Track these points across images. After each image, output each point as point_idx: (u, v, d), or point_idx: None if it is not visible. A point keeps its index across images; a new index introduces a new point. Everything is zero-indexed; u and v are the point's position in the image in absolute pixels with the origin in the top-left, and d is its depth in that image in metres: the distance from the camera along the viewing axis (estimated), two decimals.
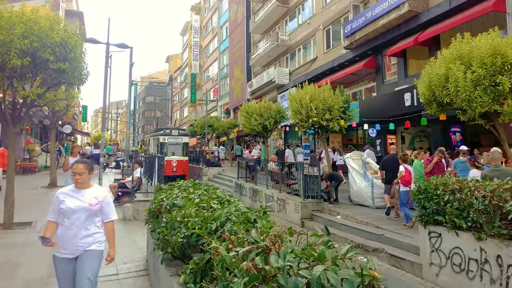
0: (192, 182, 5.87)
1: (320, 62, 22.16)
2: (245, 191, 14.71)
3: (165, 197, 4.61)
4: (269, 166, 13.81)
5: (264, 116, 18.94)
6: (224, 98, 38.54)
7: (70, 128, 23.16)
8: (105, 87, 12.95)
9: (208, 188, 5.04)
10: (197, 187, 5.18)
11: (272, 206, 12.24)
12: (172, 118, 62.06)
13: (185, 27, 54.06)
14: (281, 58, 27.29)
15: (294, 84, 24.66)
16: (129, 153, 18.89)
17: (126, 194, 10.65)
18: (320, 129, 13.77)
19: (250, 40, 32.42)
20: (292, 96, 13.83)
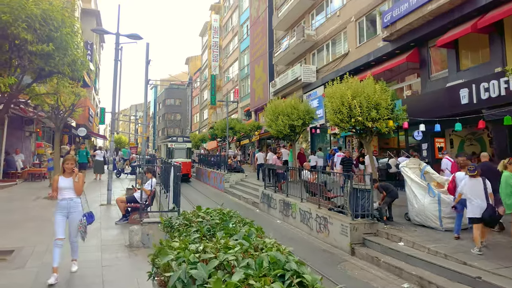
0: (219, 211, 3.79)
1: (352, 58, 19.83)
2: (275, 203, 12.57)
3: (175, 259, 2.49)
4: (303, 175, 11.64)
5: (292, 117, 16.80)
6: (245, 100, 36.55)
7: (85, 131, 21.55)
8: (115, 83, 11.09)
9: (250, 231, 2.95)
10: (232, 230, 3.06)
11: (309, 224, 10.06)
12: (192, 120, 60.60)
13: (204, 27, 52.45)
14: (307, 54, 25.07)
15: (322, 83, 22.48)
16: (145, 158, 17.09)
17: (137, 210, 8.68)
18: (363, 131, 11.55)
19: (272, 37, 30.32)
20: (331, 92, 11.65)
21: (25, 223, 8.51)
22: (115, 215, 9.47)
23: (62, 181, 5.65)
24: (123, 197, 8.84)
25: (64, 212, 5.61)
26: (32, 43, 5.38)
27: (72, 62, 6.35)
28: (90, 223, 6.05)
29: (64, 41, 5.88)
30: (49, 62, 5.81)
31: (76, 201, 5.72)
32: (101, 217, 9.32)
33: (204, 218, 3.44)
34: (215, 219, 3.43)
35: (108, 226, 8.33)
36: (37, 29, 5.39)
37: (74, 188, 5.62)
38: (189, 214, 3.73)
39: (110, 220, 8.89)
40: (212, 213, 3.69)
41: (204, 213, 3.65)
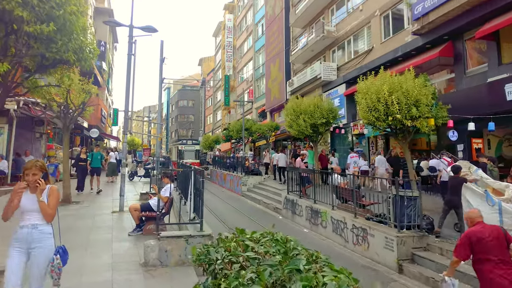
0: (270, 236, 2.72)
1: (377, 54, 18.61)
2: (300, 210, 11.47)
3: None
4: (333, 179, 10.53)
5: (315, 116, 15.67)
6: (259, 100, 35.51)
7: (97, 132, 20.78)
8: (128, 79, 10.18)
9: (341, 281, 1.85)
10: (312, 279, 1.95)
11: (344, 235, 8.92)
12: (205, 122, 59.85)
13: (217, 27, 51.63)
14: (326, 52, 23.90)
15: (343, 80, 21.30)
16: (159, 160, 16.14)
17: (153, 220, 7.69)
18: (400, 130, 10.37)
19: (289, 35, 29.23)
20: (364, 88, 10.51)
21: None
22: (128, 225, 8.50)
23: (25, 199, 3.80)
24: (137, 205, 7.85)
25: (23, 248, 3.77)
26: (29, 23, 4.45)
27: (79, 49, 5.45)
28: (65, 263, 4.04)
29: (68, 22, 4.93)
30: (50, 47, 4.87)
31: (42, 231, 3.85)
32: (113, 226, 8.36)
33: (254, 248, 2.38)
34: (270, 250, 2.36)
35: (120, 238, 7.35)
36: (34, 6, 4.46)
37: (41, 210, 3.82)
38: (229, 240, 2.67)
39: (123, 231, 7.91)
40: (262, 240, 2.62)
41: (251, 239, 2.58)
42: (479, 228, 4.18)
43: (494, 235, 4.07)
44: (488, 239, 4.04)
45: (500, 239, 4.05)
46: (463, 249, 4.16)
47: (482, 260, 4.03)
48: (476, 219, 4.32)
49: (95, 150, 15.45)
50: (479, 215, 4.37)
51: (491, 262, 3.93)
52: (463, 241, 4.20)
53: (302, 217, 11.25)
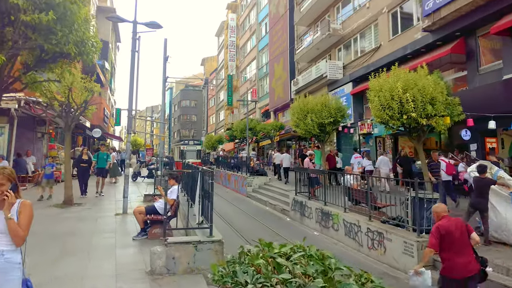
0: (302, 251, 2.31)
1: (385, 51, 18.18)
2: (310, 212, 11.04)
3: None
4: (345, 180, 10.11)
5: (322, 115, 15.23)
6: (263, 100, 35.09)
7: (100, 132, 20.41)
8: (132, 76, 9.77)
9: None
10: None
11: (358, 239, 8.50)
12: (208, 122, 59.48)
13: (220, 27, 51.26)
14: (332, 50, 23.47)
15: (350, 79, 20.87)
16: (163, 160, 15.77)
17: (158, 223, 7.29)
18: (414, 129, 9.93)
19: (293, 34, 28.81)
20: (377, 85, 10.07)
21: None
22: (132, 228, 8.10)
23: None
24: (142, 208, 7.44)
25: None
26: (26, 12, 4.06)
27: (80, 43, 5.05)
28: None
29: (68, 11, 4.53)
30: (49, 39, 4.47)
31: (9, 259, 2.92)
32: (116, 230, 7.96)
33: (288, 268, 1.96)
34: (308, 270, 1.94)
35: (124, 243, 6.94)
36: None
37: (9, 231, 2.91)
38: (254, 256, 2.25)
39: (127, 235, 7.51)
40: (293, 256, 2.21)
41: (280, 255, 2.17)
42: (446, 222, 4.62)
43: (459, 228, 4.56)
44: (455, 231, 4.51)
45: (463, 231, 4.56)
46: (435, 241, 4.56)
47: (448, 249, 4.50)
48: (442, 213, 4.76)
49: (102, 150, 14.31)
50: (445, 210, 4.84)
51: (451, 251, 4.46)
52: (435, 233, 4.60)
53: (312, 220, 10.83)
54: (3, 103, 12.69)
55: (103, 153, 14.06)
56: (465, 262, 4.41)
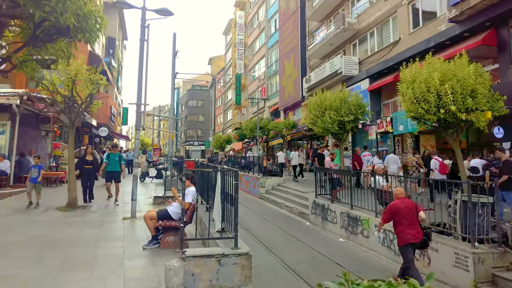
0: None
1: (405, 45, 17.17)
2: (333, 217, 10.08)
3: None
4: (376, 182, 9.15)
5: (341, 112, 14.27)
6: (272, 99, 34.13)
7: (106, 131, 19.64)
8: (140, 67, 8.90)
9: None
10: None
11: (394, 247, 7.53)
12: (215, 121, 58.66)
13: (228, 25, 50.39)
14: (346, 45, 22.47)
15: (367, 75, 19.87)
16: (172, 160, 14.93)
17: (171, 230, 6.41)
18: (451, 125, 8.95)
19: (304, 30, 27.86)
20: (410, 76, 9.11)
21: (17, 248, 6.31)
22: (142, 235, 7.23)
23: None
24: (153, 212, 6.55)
25: None
26: None
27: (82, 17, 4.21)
28: None
29: None
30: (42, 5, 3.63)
31: None
32: (124, 237, 7.08)
33: None
34: None
35: (133, 253, 6.06)
36: None
37: None
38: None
39: (136, 243, 6.62)
40: None
41: None
42: (399, 202, 5.73)
43: (407, 206, 5.66)
44: (403, 209, 5.61)
45: (412, 209, 5.66)
46: (386, 216, 5.81)
47: (399, 223, 5.64)
48: (399, 195, 5.89)
49: (114, 151, 11.64)
50: (402, 192, 5.99)
51: (404, 224, 5.56)
52: (388, 210, 5.81)
53: (336, 225, 9.88)
54: (4, 99, 11.91)
55: (115, 154, 11.57)
56: (413, 233, 5.56)
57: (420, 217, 5.66)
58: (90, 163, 11.08)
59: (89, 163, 11.07)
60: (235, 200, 4.91)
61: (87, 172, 10.89)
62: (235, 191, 4.92)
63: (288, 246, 8.80)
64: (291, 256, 7.76)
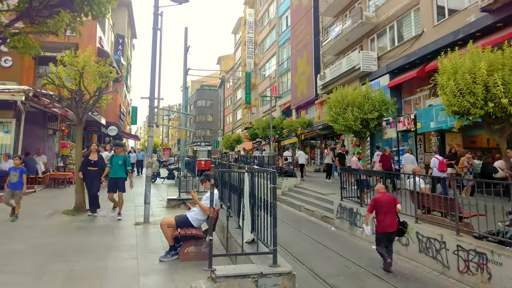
0: None
1: (429, 39, 16.16)
2: (362, 222, 9.18)
3: None
4: (410, 183, 8.25)
5: (364, 109, 13.38)
6: (283, 97, 33.21)
7: (116, 130, 18.95)
8: (153, 57, 8.09)
9: None
10: None
11: (441, 259, 6.61)
12: (225, 121, 57.92)
13: (237, 24, 49.61)
14: (364, 40, 21.50)
15: (387, 70, 18.90)
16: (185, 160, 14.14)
17: (192, 240, 5.57)
18: (498, 120, 8.00)
19: (318, 26, 26.93)
20: (451, 67, 8.18)
21: (17, 259, 5.53)
22: (157, 244, 6.41)
23: None
24: (171, 219, 5.71)
25: None
26: None
27: None
28: None
29: None
30: None
31: None
32: (137, 246, 6.25)
33: None
34: None
35: (148, 267, 5.23)
36: None
37: None
38: None
39: (151, 254, 5.80)
40: None
41: None
42: (380, 196, 6.87)
43: (387, 199, 6.78)
44: (384, 202, 6.74)
45: (390, 202, 6.77)
46: (370, 208, 6.94)
47: (379, 213, 6.78)
48: (380, 190, 7.05)
49: (117, 152, 8.81)
50: (382, 187, 7.16)
51: (383, 214, 6.71)
52: (371, 203, 6.97)
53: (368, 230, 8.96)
54: (8, 95, 11.21)
55: (119, 156, 8.74)
56: (390, 222, 6.61)
57: (397, 209, 6.81)
58: (94, 164, 8.81)
59: (93, 163, 8.80)
60: (273, 207, 4.05)
61: (90, 175, 8.71)
62: (273, 197, 4.05)
63: (316, 254, 7.93)
64: (323, 267, 6.89)
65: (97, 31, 18.05)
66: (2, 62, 16.68)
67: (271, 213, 4.07)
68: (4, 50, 12.51)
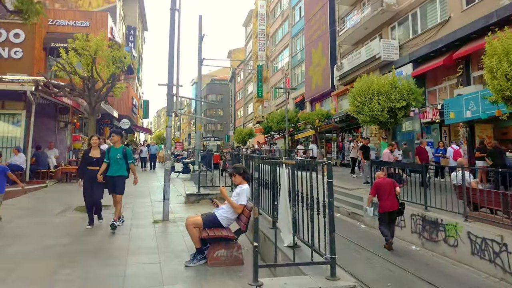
0: None
1: (456, 25, 15.12)
2: (399, 219, 8.36)
3: None
4: (454, 177, 7.41)
5: (392, 98, 12.48)
6: (297, 90, 32.24)
7: (128, 123, 18.32)
8: (172, 40, 7.32)
9: None
10: None
11: (501, 263, 5.78)
12: (236, 115, 57.16)
13: (248, 16, 48.62)
14: (383, 29, 20.47)
15: (410, 59, 17.88)
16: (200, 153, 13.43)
17: (222, 242, 4.82)
18: None
19: (334, 15, 25.90)
20: (501, 47, 7.27)
21: (25, 263, 4.86)
22: (180, 245, 5.68)
23: None
24: (198, 218, 4.96)
25: None
26: None
27: None
28: None
29: None
30: None
31: None
32: (158, 248, 5.52)
33: None
34: None
35: (173, 274, 4.50)
36: None
37: None
38: None
39: (175, 258, 5.06)
40: None
41: None
42: (381, 180, 7.70)
43: (387, 183, 7.55)
44: (385, 185, 7.51)
45: (390, 185, 7.53)
46: (372, 191, 7.73)
47: (380, 196, 7.53)
48: (380, 175, 8.03)
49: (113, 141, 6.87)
50: (382, 174, 8.19)
51: (384, 197, 7.46)
52: (373, 187, 7.83)
53: (404, 229, 8.16)
54: (17, 85, 10.58)
55: (117, 148, 6.76)
56: (391, 203, 7.47)
57: (396, 191, 7.49)
58: (96, 162, 6.70)
59: (95, 162, 6.70)
60: (330, 207, 3.27)
61: (91, 177, 6.58)
62: (330, 194, 3.27)
63: (352, 255, 7.14)
64: (365, 271, 6.12)
65: (108, 21, 17.38)
66: (12, 54, 16.13)
67: (328, 214, 3.28)
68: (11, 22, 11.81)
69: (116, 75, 7.93)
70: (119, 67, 7.85)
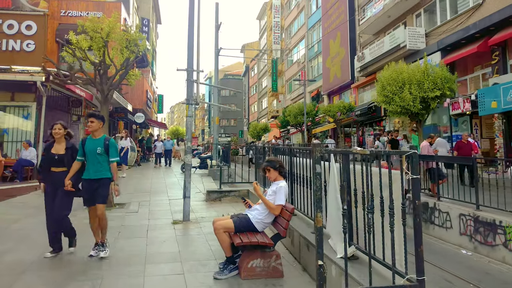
0: None
1: (491, 9, 13.96)
2: (444, 220, 7.44)
3: None
4: None
5: (424, 87, 11.48)
6: (313, 83, 31.13)
7: (143, 117, 17.68)
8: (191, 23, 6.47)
9: None
10: None
11: None
12: (250, 110, 56.37)
13: (262, 9, 47.60)
14: (408, 16, 19.32)
15: (438, 47, 16.71)
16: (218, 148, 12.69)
17: (258, 249, 4.01)
18: None
19: (353, 4, 24.78)
20: None
21: (30, 269, 4.16)
22: (205, 252, 4.90)
23: None
24: (228, 221, 4.16)
25: None
26: None
27: None
28: None
29: None
30: None
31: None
32: (180, 255, 4.75)
33: None
34: None
35: (199, 287, 3.73)
36: None
37: None
38: None
39: (200, 268, 4.29)
40: None
41: None
42: None
43: None
44: None
45: None
46: None
47: None
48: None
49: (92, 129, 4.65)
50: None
51: None
52: None
53: (451, 230, 7.23)
54: (26, 75, 9.95)
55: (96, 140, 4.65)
56: None
57: None
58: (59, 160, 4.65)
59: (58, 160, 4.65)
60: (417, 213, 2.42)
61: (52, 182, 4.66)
62: (416, 195, 2.42)
63: None
64: None
65: (121, 12, 16.71)
66: (24, 46, 15.61)
67: (414, 221, 2.43)
68: None
69: (130, 61, 7.19)
70: (134, 51, 7.12)
